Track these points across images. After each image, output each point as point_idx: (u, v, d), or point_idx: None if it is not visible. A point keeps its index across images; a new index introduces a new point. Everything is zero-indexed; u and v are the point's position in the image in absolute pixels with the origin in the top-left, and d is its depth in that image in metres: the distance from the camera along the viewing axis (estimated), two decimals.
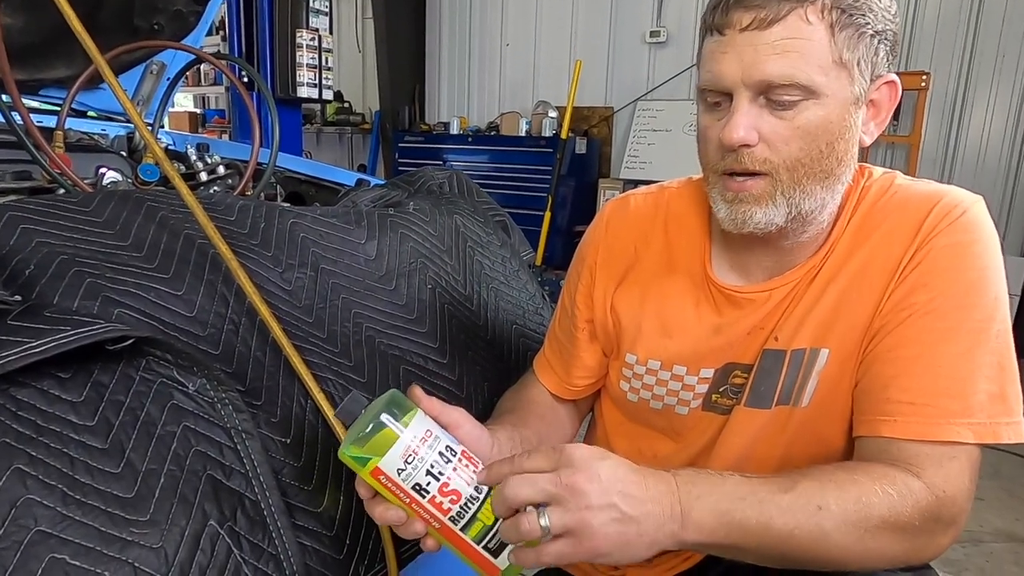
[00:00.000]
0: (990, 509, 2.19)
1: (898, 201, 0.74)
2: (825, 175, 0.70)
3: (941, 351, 0.67)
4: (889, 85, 0.72)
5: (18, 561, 0.51)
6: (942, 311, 0.68)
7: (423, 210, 1.17)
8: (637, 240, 0.88)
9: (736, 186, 0.71)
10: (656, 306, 0.85)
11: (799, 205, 0.70)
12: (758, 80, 0.66)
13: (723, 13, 0.67)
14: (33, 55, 1.46)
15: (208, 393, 0.69)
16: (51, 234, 0.77)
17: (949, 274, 0.69)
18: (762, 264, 0.80)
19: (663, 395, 0.86)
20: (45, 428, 0.58)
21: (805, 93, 0.66)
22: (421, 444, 0.61)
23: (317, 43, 3.28)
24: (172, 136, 1.89)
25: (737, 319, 0.80)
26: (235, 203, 0.97)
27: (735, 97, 0.68)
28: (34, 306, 0.63)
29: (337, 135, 6.66)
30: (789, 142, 0.68)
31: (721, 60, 0.67)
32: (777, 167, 0.69)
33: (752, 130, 0.67)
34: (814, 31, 0.65)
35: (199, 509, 0.62)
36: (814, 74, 0.65)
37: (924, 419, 0.66)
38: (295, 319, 0.86)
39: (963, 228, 0.70)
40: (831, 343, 0.75)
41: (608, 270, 0.89)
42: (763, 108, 0.67)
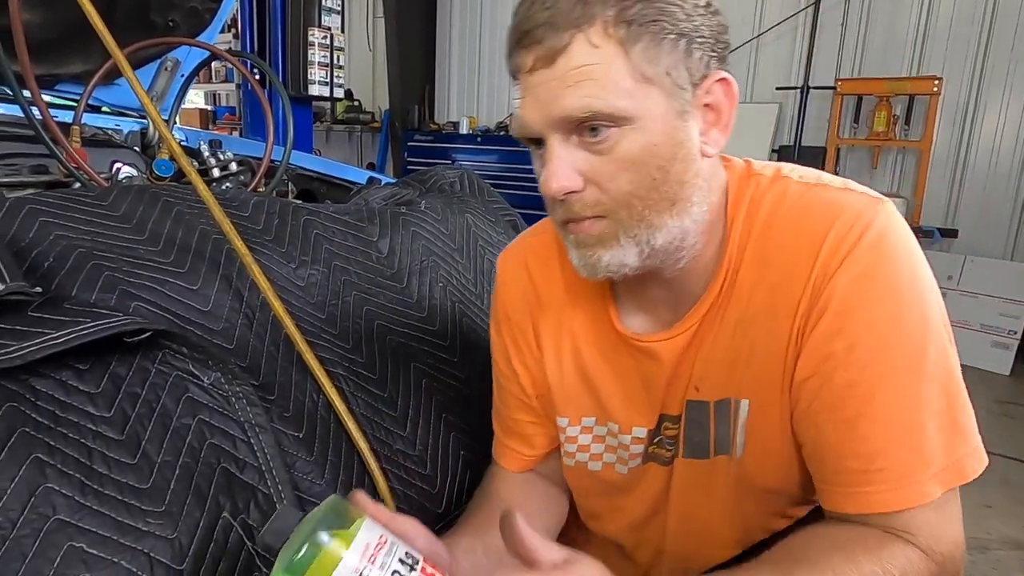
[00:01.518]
0: (997, 516, 2.18)
1: (792, 220, 0.65)
2: (670, 203, 0.62)
3: (879, 403, 0.60)
4: (722, 83, 0.62)
5: (37, 548, 0.51)
6: (866, 359, 0.60)
7: (435, 209, 1.17)
8: (538, 288, 0.80)
9: (576, 228, 0.64)
10: (573, 360, 0.78)
11: (649, 242, 0.62)
12: (558, 118, 0.59)
13: (512, 59, 0.62)
14: (50, 51, 1.47)
15: (223, 387, 0.70)
16: (69, 227, 0.77)
17: (861, 313, 0.60)
18: (660, 302, 0.72)
19: (601, 453, 0.81)
20: (63, 418, 0.59)
21: (614, 121, 0.58)
22: (375, 556, 0.50)
23: (329, 41, 3.30)
24: (185, 132, 1.90)
25: (652, 368, 0.73)
26: (249, 199, 0.98)
27: (547, 142, 0.61)
28: (54, 298, 0.64)
29: (347, 133, 6.69)
30: (615, 178, 0.60)
31: (523, 106, 0.61)
32: (612, 208, 0.61)
33: (573, 174, 0.60)
34: (603, 54, 0.57)
35: (213, 501, 0.63)
36: (616, 99, 0.57)
37: (888, 487, 0.60)
38: (308, 315, 0.87)
39: (865, 253, 0.60)
40: (748, 394, 0.69)
41: (522, 326, 0.81)
42: (578, 148, 0.60)
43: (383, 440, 0.83)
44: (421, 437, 0.87)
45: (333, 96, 3.49)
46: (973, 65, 4.07)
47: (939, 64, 4.12)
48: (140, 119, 1.78)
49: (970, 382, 0.62)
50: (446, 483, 0.87)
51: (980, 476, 0.62)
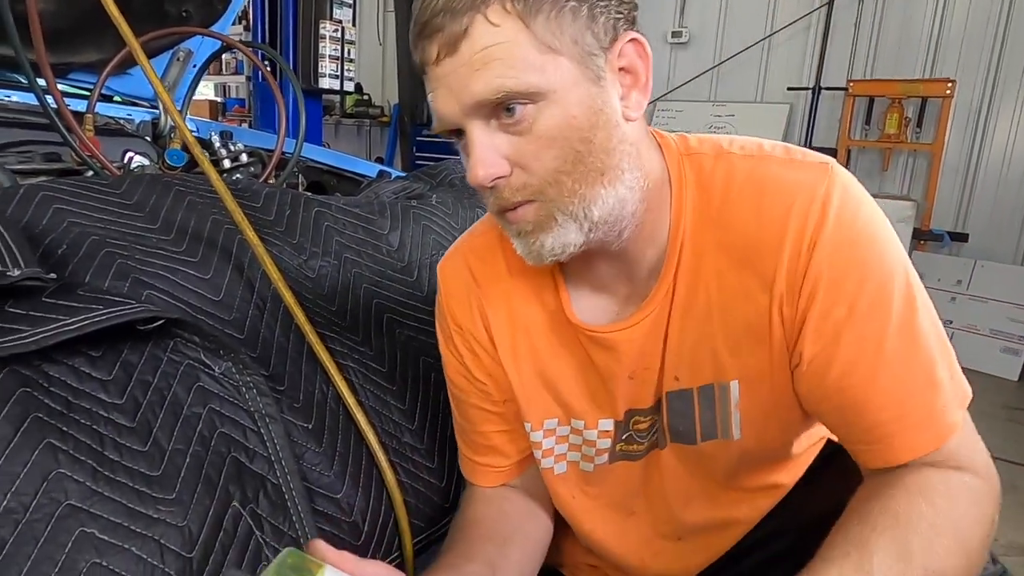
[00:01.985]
0: (1005, 523, 2.16)
1: (749, 196, 0.64)
2: (599, 173, 0.60)
3: (890, 351, 0.61)
4: (633, 44, 0.61)
5: (49, 533, 0.52)
6: (866, 318, 0.61)
7: (445, 203, 1.17)
8: (480, 283, 0.77)
9: (513, 216, 0.62)
10: (530, 361, 0.75)
11: (588, 216, 0.61)
12: (471, 104, 0.57)
13: (418, 53, 0.60)
14: (64, 39, 1.47)
15: (234, 376, 0.70)
16: (82, 215, 0.78)
17: (852, 275, 0.61)
18: (617, 280, 0.70)
19: (564, 453, 0.79)
20: (76, 405, 0.59)
21: (527, 98, 0.57)
22: None
23: (340, 35, 3.30)
24: (196, 123, 1.90)
25: (610, 363, 0.71)
26: (261, 190, 0.98)
27: (467, 131, 0.59)
28: (67, 285, 0.65)
29: (355, 127, 6.69)
30: (539, 156, 0.59)
31: (435, 99, 0.60)
32: (540, 188, 0.60)
33: (498, 159, 0.59)
34: (504, 31, 0.56)
35: (223, 490, 0.63)
36: (526, 75, 0.56)
37: (923, 427, 0.61)
38: (318, 306, 0.87)
39: (835, 225, 0.61)
40: (735, 373, 0.68)
41: (472, 327, 0.77)
42: (498, 131, 0.59)
43: (391, 433, 0.83)
44: (429, 431, 0.87)
45: (343, 89, 3.49)
46: (987, 68, 4.03)
47: (952, 66, 4.09)
48: (152, 109, 1.79)
49: (978, 387, 0.63)
50: (453, 477, 0.87)
51: None
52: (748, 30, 4.70)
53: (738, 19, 4.77)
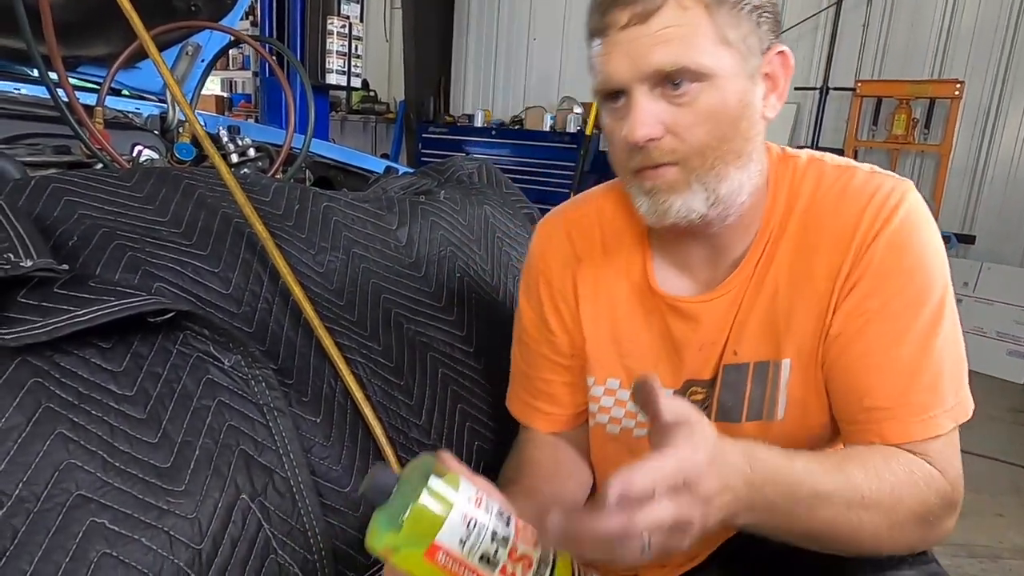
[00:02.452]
0: (1010, 526, 2.16)
1: (832, 199, 0.73)
2: (736, 155, 0.69)
3: (903, 351, 0.69)
4: (780, 55, 0.71)
5: (60, 523, 0.52)
6: (896, 313, 0.69)
7: (453, 199, 1.17)
8: (577, 251, 0.84)
9: (652, 175, 0.69)
10: (608, 324, 0.82)
11: (716, 189, 0.69)
12: (648, 72, 0.65)
13: (601, 15, 0.67)
14: (73, 33, 1.48)
15: (243, 369, 0.70)
16: (93, 207, 0.78)
17: (896, 279, 0.69)
18: (701, 262, 0.78)
19: (620, 417, 0.83)
20: (87, 396, 0.59)
21: (697, 77, 0.65)
22: (478, 505, 0.52)
23: (347, 30, 3.30)
24: (203, 117, 1.90)
25: (687, 332, 0.78)
26: (270, 184, 0.98)
27: (632, 94, 0.67)
28: (78, 276, 0.65)
29: (361, 123, 6.69)
30: (693, 128, 0.67)
31: (610, 60, 0.67)
32: (686, 156, 0.68)
33: (656, 123, 0.67)
34: (692, 16, 0.65)
35: (232, 482, 0.63)
36: (701, 57, 0.65)
37: (907, 421, 0.68)
38: (327, 301, 0.87)
39: (899, 225, 0.70)
40: (789, 353, 0.74)
41: (561, 286, 0.84)
42: (661, 99, 0.67)
43: (398, 428, 0.83)
44: (436, 425, 0.88)
45: (350, 85, 3.49)
46: (996, 69, 4.01)
47: (961, 68, 4.07)
48: (160, 103, 1.79)
49: (984, 390, 0.70)
50: None
51: (993, 486, 0.71)
52: None
53: None
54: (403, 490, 0.51)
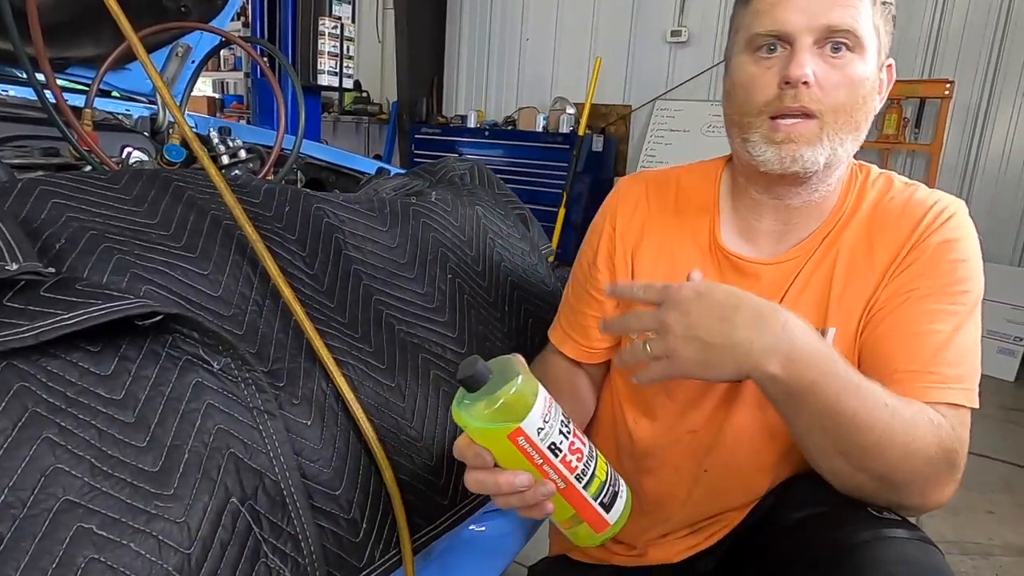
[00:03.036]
0: (1002, 523, 2.17)
1: (899, 203, 0.83)
2: (855, 127, 0.78)
3: (939, 328, 0.75)
4: (889, 68, 0.82)
5: (47, 529, 0.51)
6: (937, 295, 0.77)
7: (445, 200, 1.17)
8: (651, 208, 0.94)
9: (787, 127, 0.76)
10: (668, 272, 0.90)
11: (835, 150, 0.77)
12: (823, 25, 0.73)
13: None
14: (62, 33, 1.47)
15: (232, 372, 0.69)
16: (81, 209, 0.77)
17: (943, 265, 0.78)
18: (769, 234, 0.86)
19: None
20: (74, 400, 0.59)
21: (858, 45, 0.74)
22: (551, 405, 0.62)
23: (339, 31, 3.29)
24: (194, 119, 1.90)
25: (748, 289, 0.82)
26: (260, 186, 0.98)
27: (797, 41, 0.74)
28: (65, 279, 0.64)
29: (354, 124, 6.68)
30: (838, 87, 0.75)
31: (786, 8, 0.74)
32: (825, 110, 0.75)
33: (811, 71, 0.74)
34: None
35: (221, 486, 0.63)
36: (864, 29, 0.74)
37: (929, 384, 0.73)
38: (317, 303, 0.87)
39: (953, 227, 0.79)
40: (836, 322, 0.81)
41: (625, 236, 0.94)
42: (817, 56, 0.75)
43: (390, 430, 0.83)
44: (429, 427, 0.87)
45: (342, 87, 3.48)
46: (986, 69, 4.04)
47: (951, 67, 4.09)
48: (150, 105, 1.78)
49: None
50: (452, 474, 0.87)
51: (984, 483, 0.76)
52: None
53: None
54: (496, 380, 0.61)
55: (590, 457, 0.64)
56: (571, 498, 0.64)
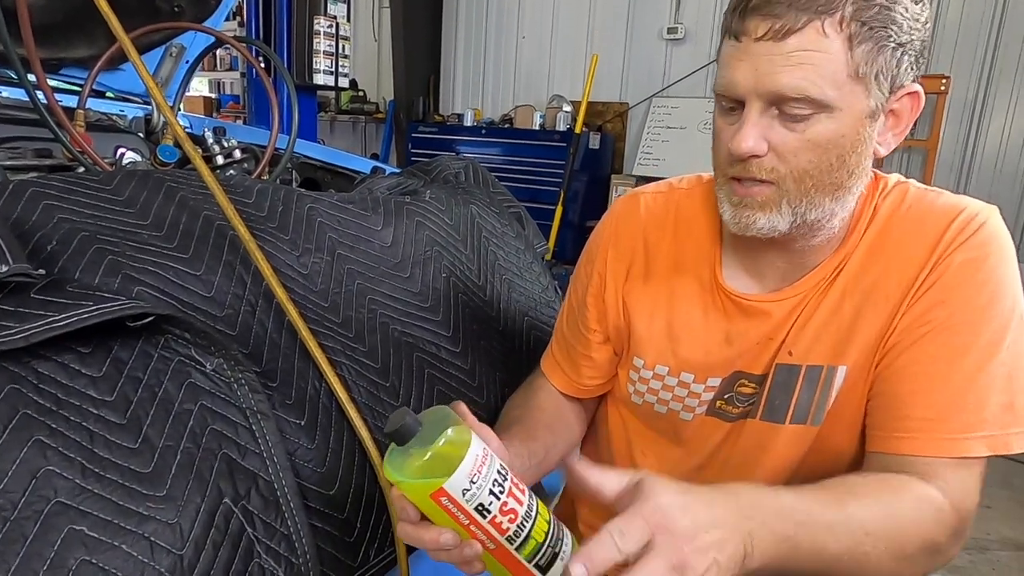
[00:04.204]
0: (999, 518, 2.18)
1: (914, 215, 0.74)
2: (835, 187, 0.69)
3: (957, 366, 0.67)
4: (911, 96, 0.69)
5: (38, 531, 0.51)
6: (958, 327, 0.68)
7: (439, 199, 1.17)
8: (647, 242, 0.87)
9: (742, 191, 0.70)
10: (665, 311, 0.84)
11: (804, 215, 0.70)
12: (770, 91, 0.64)
13: (740, 19, 0.65)
14: (55, 34, 1.46)
15: (225, 373, 0.69)
16: (73, 211, 0.77)
17: (965, 290, 0.69)
18: (774, 268, 0.79)
19: (668, 400, 0.86)
20: (65, 401, 0.59)
21: (817, 107, 0.64)
22: (483, 462, 0.57)
23: (335, 30, 3.28)
24: (189, 119, 1.89)
25: (747, 328, 0.79)
26: (253, 186, 0.97)
27: (747, 106, 0.66)
28: (57, 281, 0.64)
29: (351, 123, 6.67)
30: (798, 154, 0.67)
31: (736, 67, 0.66)
32: (784, 177, 0.68)
33: (761, 140, 0.66)
34: (831, 44, 0.62)
35: (214, 487, 0.63)
36: (827, 88, 0.63)
37: (942, 435, 0.66)
38: (311, 303, 0.87)
39: (979, 243, 0.70)
40: (848, 360, 0.74)
41: (618, 272, 0.88)
42: (775, 119, 0.66)
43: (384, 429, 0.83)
44: None
45: (338, 86, 3.48)
46: (981, 64, 4.04)
47: (947, 63, 4.09)
48: (144, 105, 1.77)
49: None
50: None
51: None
52: None
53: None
54: (423, 434, 0.57)
55: (526, 517, 0.58)
56: (503, 559, 0.59)
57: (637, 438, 0.93)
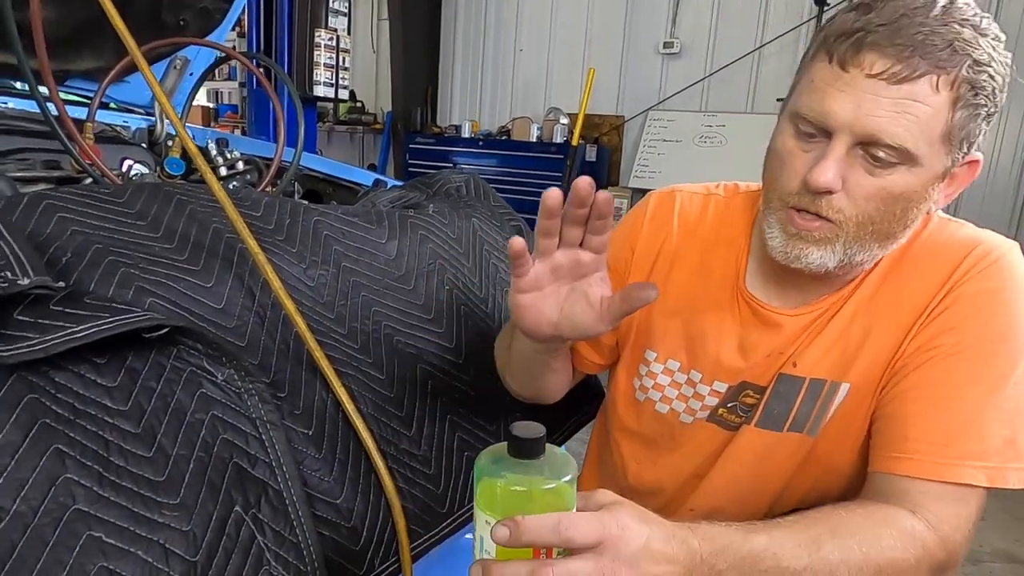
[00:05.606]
0: (992, 530, 2.20)
1: (934, 244, 0.74)
2: (888, 236, 0.69)
3: (962, 394, 0.67)
4: (972, 164, 0.69)
5: (58, 537, 0.53)
6: (967, 355, 0.68)
7: (442, 212, 1.18)
8: (677, 244, 0.87)
9: (802, 223, 0.69)
10: (685, 309, 0.85)
11: (853, 256, 0.69)
12: (867, 132, 0.63)
13: (854, 50, 0.62)
14: (63, 47, 1.48)
15: (236, 383, 0.71)
16: (86, 223, 0.79)
17: (976, 320, 0.69)
18: (797, 287, 0.79)
19: (672, 398, 0.87)
20: (82, 411, 0.60)
21: (905, 159, 0.63)
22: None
23: (335, 43, 3.32)
24: (191, 130, 1.91)
25: (760, 339, 0.80)
26: (261, 199, 0.99)
27: (835, 139, 0.64)
28: (73, 293, 0.65)
29: (348, 134, 6.70)
30: (870, 200, 0.66)
31: (834, 96, 0.63)
32: (848, 220, 0.67)
33: (839, 179, 0.65)
34: (937, 100, 0.61)
35: (226, 495, 0.64)
36: (922, 143, 0.62)
37: (941, 459, 0.66)
38: (317, 315, 0.88)
39: (993, 275, 0.70)
40: (852, 378, 0.75)
41: (643, 265, 0.88)
42: (856, 159, 0.65)
43: (389, 439, 0.85)
44: (427, 437, 0.89)
45: (338, 97, 3.50)
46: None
47: None
48: (147, 116, 1.79)
49: None
50: (451, 482, 0.88)
51: None
52: (739, 41, 4.76)
53: (729, 30, 4.83)
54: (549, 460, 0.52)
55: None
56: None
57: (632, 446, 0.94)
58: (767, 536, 0.58)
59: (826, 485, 0.81)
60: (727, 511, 0.84)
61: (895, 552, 0.61)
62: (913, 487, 0.66)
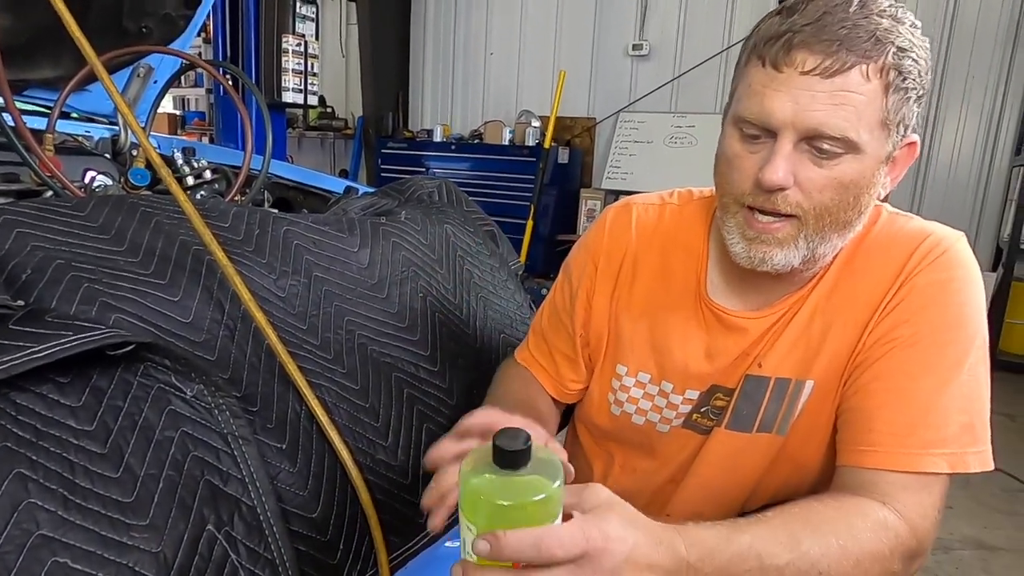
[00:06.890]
0: (960, 517, 2.25)
1: (884, 238, 0.77)
2: (846, 225, 0.71)
3: (919, 384, 0.70)
4: (911, 146, 0.73)
5: (21, 564, 0.51)
6: (922, 346, 0.70)
7: (415, 219, 1.18)
8: (637, 252, 0.88)
9: (761, 226, 0.71)
10: (650, 321, 0.86)
11: (816, 249, 0.71)
12: (809, 127, 0.65)
13: (784, 51, 0.65)
14: (19, 55, 1.45)
15: (205, 399, 0.69)
16: (46, 238, 0.77)
17: (929, 311, 0.71)
18: (758, 288, 0.80)
19: (647, 410, 0.88)
20: (45, 433, 0.58)
21: (849, 148, 0.66)
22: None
23: (303, 48, 3.28)
24: (157, 139, 1.87)
25: (726, 343, 0.82)
26: (229, 209, 0.98)
27: (780, 138, 0.67)
28: (34, 311, 0.64)
29: (319, 140, 6.64)
30: (823, 191, 0.68)
31: (772, 97, 0.66)
32: (807, 212, 0.69)
33: (790, 175, 0.67)
34: (870, 88, 0.64)
35: (197, 513, 0.63)
36: (863, 131, 0.65)
37: (904, 450, 0.68)
38: (289, 326, 0.87)
39: (944, 266, 0.73)
40: (815, 375, 0.77)
41: (608, 278, 0.89)
42: (803, 154, 0.67)
43: (365, 450, 0.84)
44: (403, 445, 0.88)
45: (307, 103, 3.47)
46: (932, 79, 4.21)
47: None
48: (111, 125, 1.75)
49: None
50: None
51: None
52: (706, 42, 4.83)
53: (697, 32, 4.89)
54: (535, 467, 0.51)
55: None
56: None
57: (610, 452, 0.95)
58: (750, 535, 0.59)
59: (797, 481, 0.83)
60: (704, 515, 0.84)
61: (871, 544, 0.63)
62: (881, 479, 0.68)
